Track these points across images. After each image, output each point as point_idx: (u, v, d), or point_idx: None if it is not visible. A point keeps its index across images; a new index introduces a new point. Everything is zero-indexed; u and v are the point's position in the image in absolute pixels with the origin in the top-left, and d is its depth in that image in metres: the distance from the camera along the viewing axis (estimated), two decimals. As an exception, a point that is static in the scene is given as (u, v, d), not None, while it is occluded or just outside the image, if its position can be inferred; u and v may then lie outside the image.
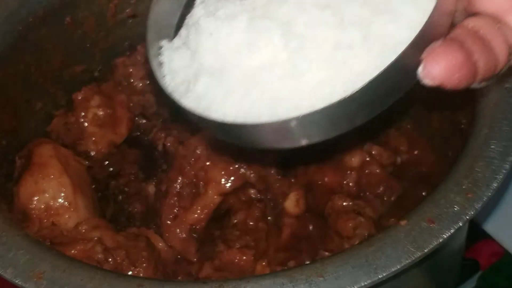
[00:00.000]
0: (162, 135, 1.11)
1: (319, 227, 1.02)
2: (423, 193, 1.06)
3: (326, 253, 0.96)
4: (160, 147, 1.10)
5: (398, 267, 0.77)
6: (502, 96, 0.92)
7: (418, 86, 1.17)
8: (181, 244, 1.01)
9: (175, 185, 1.02)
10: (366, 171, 1.10)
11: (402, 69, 0.57)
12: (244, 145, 0.60)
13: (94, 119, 1.14)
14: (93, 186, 1.07)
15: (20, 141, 1.11)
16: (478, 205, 0.81)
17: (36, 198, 0.99)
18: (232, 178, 1.01)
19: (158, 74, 0.65)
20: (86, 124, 1.14)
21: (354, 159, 1.10)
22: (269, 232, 0.99)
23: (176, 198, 1.01)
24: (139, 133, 1.17)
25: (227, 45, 0.61)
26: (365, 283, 0.76)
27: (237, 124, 0.56)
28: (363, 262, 0.77)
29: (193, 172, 1.02)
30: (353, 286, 0.76)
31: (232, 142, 0.59)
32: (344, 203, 1.03)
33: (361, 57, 0.58)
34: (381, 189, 1.09)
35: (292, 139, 0.57)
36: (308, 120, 0.55)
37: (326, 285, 0.76)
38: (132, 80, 1.19)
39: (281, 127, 0.55)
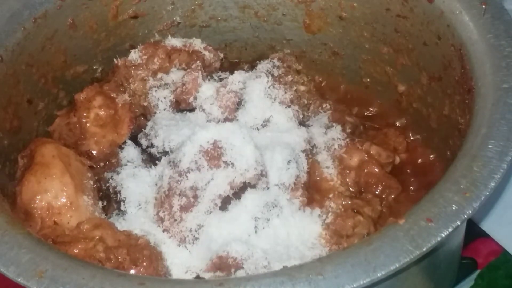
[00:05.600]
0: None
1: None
2: (422, 193, 1.06)
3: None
4: (161, 147, 1.11)
5: (397, 265, 0.78)
6: (500, 97, 0.93)
7: (417, 87, 1.18)
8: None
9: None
10: (365, 170, 1.10)
11: None
12: None
13: (96, 119, 1.15)
14: (95, 186, 1.08)
15: (22, 141, 1.12)
16: (476, 204, 0.82)
17: (38, 198, 1.00)
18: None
19: None
20: (88, 124, 1.15)
21: (353, 159, 1.11)
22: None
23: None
24: (140, 133, 1.17)
25: None
26: (364, 281, 0.77)
27: None
28: (362, 261, 0.78)
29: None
30: (352, 285, 0.76)
31: None
32: (343, 202, 1.04)
33: None
34: (380, 188, 1.09)
35: None
36: None
37: (326, 284, 0.77)
38: (133, 81, 1.19)
39: None
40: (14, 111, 1.11)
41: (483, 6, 1.03)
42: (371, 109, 1.28)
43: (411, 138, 1.21)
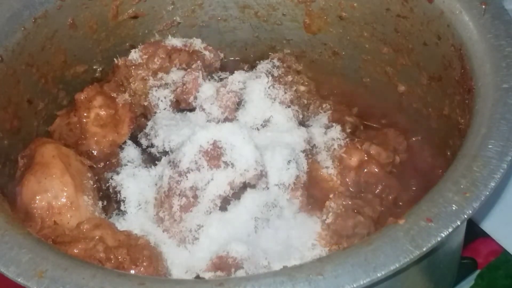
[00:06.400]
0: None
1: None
2: (422, 193, 1.06)
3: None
4: (161, 147, 1.11)
5: (397, 265, 0.77)
6: (500, 97, 0.93)
7: (417, 87, 1.18)
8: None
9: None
10: (365, 170, 1.10)
11: None
12: None
13: (96, 119, 1.15)
14: (95, 186, 1.08)
15: (22, 141, 1.12)
16: (476, 204, 0.82)
17: (38, 198, 1.00)
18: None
19: None
20: (88, 124, 1.15)
21: (353, 159, 1.11)
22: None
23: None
24: (140, 133, 1.17)
25: None
26: (364, 281, 0.76)
27: None
28: (362, 261, 0.78)
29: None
30: (352, 285, 0.76)
31: None
32: (344, 202, 1.04)
33: None
34: (380, 188, 1.09)
35: None
36: None
37: (326, 284, 0.77)
38: (133, 80, 1.19)
39: None
40: (14, 111, 1.11)
41: (483, 6, 1.03)
42: (371, 109, 1.28)
43: (411, 138, 1.21)
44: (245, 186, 1.00)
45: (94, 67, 1.27)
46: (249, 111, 1.13)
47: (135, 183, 1.08)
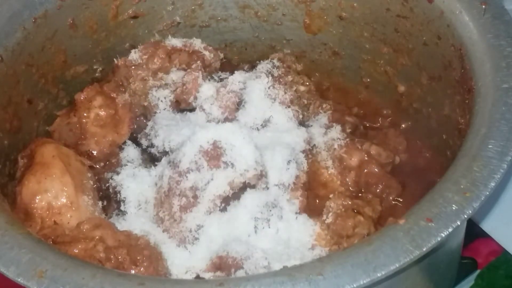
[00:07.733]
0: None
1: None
2: (422, 193, 1.06)
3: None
4: (161, 147, 1.11)
5: (397, 265, 0.78)
6: (500, 96, 0.93)
7: (417, 87, 1.18)
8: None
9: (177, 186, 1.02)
10: (365, 170, 1.10)
11: None
12: None
13: (96, 119, 1.15)
14: (95, 186, 1.08)
15: (23, 141, 1.12)
16: (476, 204, 0.82)
17: (38, 198, 1.00)
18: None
19: None
20: (88, 124, 1.15)
21: (353, 159, 1.11)
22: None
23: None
24: (140, 133, 1.17)
25: None
26: (364, 281, 0.77)
27: None
28: (362, 261, 0.78)
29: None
30: (352, 285, 0.76)
31: None
32: (344, 203, 1.04)
33: None
34: (380, 188, 1.09)
35: None
36: None
37: (326, 284, 0.77)
38: (133, 81, 1.19)
39: None
40: (14, 111, 1.11)
41: (483, 6, 1.03)
42: (371, 109, 1.28)
43: (411, 137, 1.21)
44: (245, 186, 1.00)
45: (94, 67, 1.27)
46: (249, 111, 1.13)
47: (135, 183, 1.08)
